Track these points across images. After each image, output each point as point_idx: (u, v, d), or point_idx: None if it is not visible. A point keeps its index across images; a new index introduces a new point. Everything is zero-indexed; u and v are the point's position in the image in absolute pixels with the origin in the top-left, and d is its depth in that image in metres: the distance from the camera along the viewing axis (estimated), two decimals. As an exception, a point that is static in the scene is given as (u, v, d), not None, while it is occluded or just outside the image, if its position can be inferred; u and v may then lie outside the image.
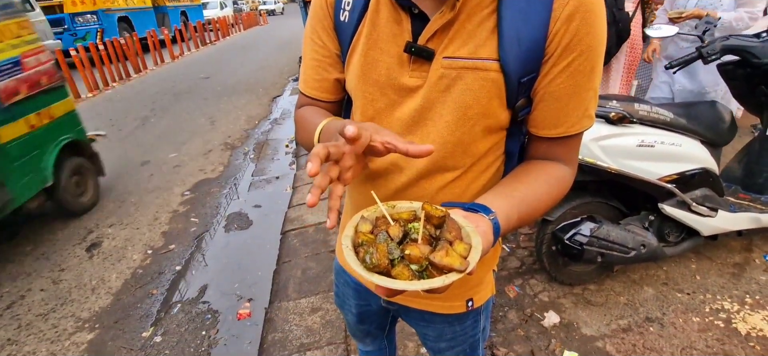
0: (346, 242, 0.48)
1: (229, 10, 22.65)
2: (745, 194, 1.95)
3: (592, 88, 0.58)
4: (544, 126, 0.61)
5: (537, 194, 0.60)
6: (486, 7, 0.55)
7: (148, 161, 4.00)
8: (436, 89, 0.58)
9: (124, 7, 11.19)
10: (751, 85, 1.82)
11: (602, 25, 0.55)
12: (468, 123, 0.58)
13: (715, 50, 1.74)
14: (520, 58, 0.54)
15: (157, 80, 7.98)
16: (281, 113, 5.48)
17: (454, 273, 0.43)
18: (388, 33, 0.60)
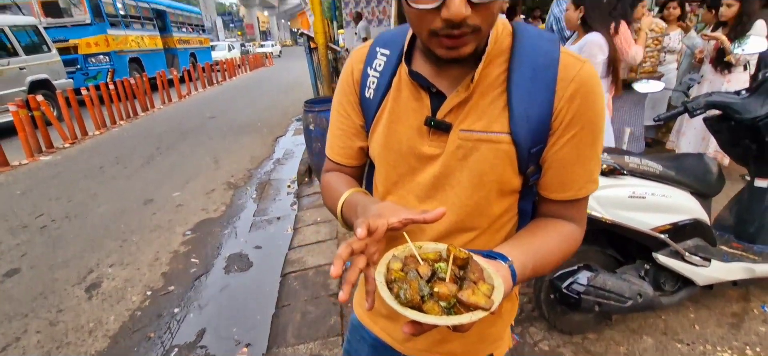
0: (380, 279, 0.52)
1: (236, 52, 23.48)
2: (738, 243, 1.98)
3: (595, 156, 0.66)
4: (554, 190, 0.68)
5: (550, 247, 0.65)
6: (497, 88, 0.63)
7: (151, 199, 4.06)
8: (453, 158, 0.65)
9: (136, 49, 11.63)
10: (736, 138, 1.89)
11: (601, 102, 0.63)
12: (484, 188, 0.65)
13: (700, 105, 1.83)
14: (529, 132, 0.62)
15: (164, 119, 8.18)
16: (284, 153, 5.59)
17: (481, 311, 0.47)
18: (409, 108, 0.68)
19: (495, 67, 0.63)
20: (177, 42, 14.42)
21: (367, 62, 0.74)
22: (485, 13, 0.54)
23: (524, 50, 0.63)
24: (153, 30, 12.98)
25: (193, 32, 16.46)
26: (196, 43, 16.44)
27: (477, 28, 0.55)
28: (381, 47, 0.73)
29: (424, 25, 0.56)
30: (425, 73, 0.66)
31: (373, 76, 0.72)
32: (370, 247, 0.56)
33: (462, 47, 0.56)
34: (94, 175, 4.84)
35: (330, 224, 3.23)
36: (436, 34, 0.56)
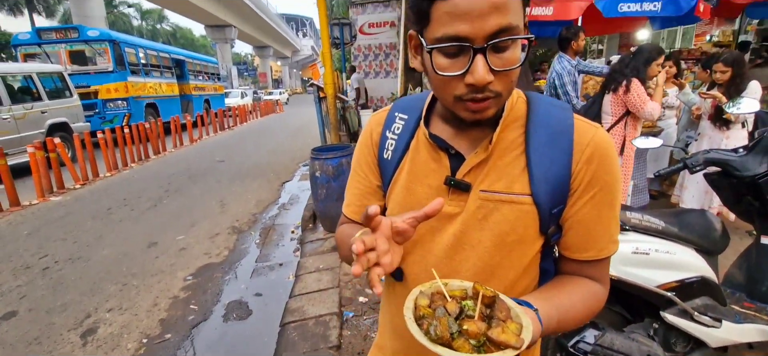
0: (408, 315, 0.52)
1: (248, 99, 24.29)
2: (751, 303, 1.91)
3: (614, 217, 0.68)
4: (576, 250, 0.69)
5: (574, 301, 0.66)
6: (515, 149, 0.66)
7: (155, 242, 4.07)
8: (474, 218, 0.67)
9: (153, 95, 12.11)
10: (737, 194, 1.88)
11: (617, 164, 0.66)
12: (506, 248, 0.66)
13: (699, 162, 1.84)
14: (549, 193, 0.64)
15: (175, 162, 8.36)
16: (289, 198, 5.63)
17: (511, 349, 0.47)
18: (428, 169, 0.71)
19: (512, 131, 0.67)
20: (193, 89, 15.02)
21: (386, 126, 0.77)
22: (505, 80, 0.59)
23: (539, 116, 0.67)
24: (171, 78, 13.57)
25: (209, 80, 17.17)
26: (211, 90, 17.10)
27: (498, 93, 0.59)
28: (399, 112, 0.77)
29: (450, 91, 0.60)
30: (444, 135, 0.70)
31: (391, 138, 0.76)
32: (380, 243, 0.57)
33: (485, 110, 0.60)
34: (102, 216, 4.90)
35: (332, 273, 3.20)
36: (460, 99, 0.60)
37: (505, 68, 0.57)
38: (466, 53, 0.56)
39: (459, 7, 0.53)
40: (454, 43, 0.56)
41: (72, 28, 10.48)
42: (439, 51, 0.58)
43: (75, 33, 10.25)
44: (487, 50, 0.55)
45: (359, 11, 9.04)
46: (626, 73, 2.91)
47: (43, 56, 10.13)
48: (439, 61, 0.58)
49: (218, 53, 35.34)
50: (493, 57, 0.56)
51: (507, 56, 0.57)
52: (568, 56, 3.62)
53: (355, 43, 8.98)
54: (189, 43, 46.25)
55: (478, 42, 0.55)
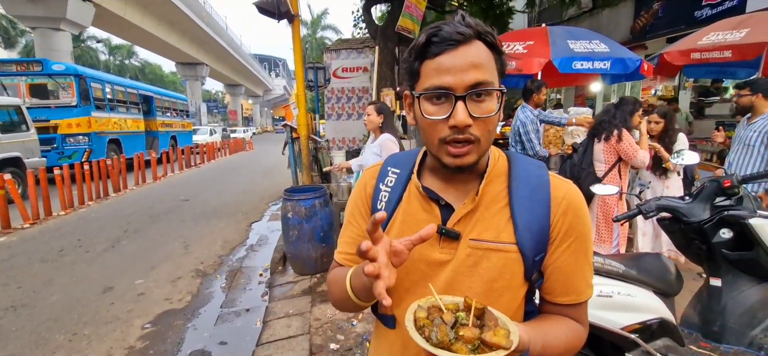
0: (409, 325, 0.58)
1: (218, 137, 23.89)
2: (706, 343, 2.02)
3: (588, 263, 0.76)
4: (557, 294, 0.76)
5: (558, 333, 0.73)
6: (500, 202, 0.74)
7: (111, 287, 3.82)
8: (464, 265, 0.73)
9: (117, 131, 11.71)
10: (687, 239, 2.03)
11: (588, 216, 0.76)
12: (494, 294, 0.72)
13: (652, 208, 1.99)
14: (532, 242, 0.72)
15: (136, 200, 8.00)
16: (258, 239, 5.48)
17: (502, 350, 0.55)
18: (420, 218, 0.76)
19: (496, 185, 0.75)
20: (160, 125, 14.66)
21: (379, 179, 0.83)
22: (483, 128, 0.68)
23: (520, 172, 0.76)
24: (137, 113, 13.22)
25: (177, 116, 16.84)
26: (178, 127, 16.74)
27: (477, 138, 0.68)
28: (392, 167, 0.84)
29: (436, 134, 0.69)
30: (434, 187, 0.77)
31: (384, 190, 0.81)
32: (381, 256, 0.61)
33: (465, 156, 0.68)
34: (52, 259, 4.57)
35: (302, 318, 3.10)
36: (444, 142, 0.68)
37: (482, 115, 0.66)
38: (449, 101, 0.66)
39: (443, 64, 0.65)
40: (440, 91, 0.66)
41: (35, 62, 10.12)
42: (427, 99, 0.68)
43: (38, 66, 9.90)
44: (467, 98, 0.65)
45: (333, 56, 9.31)
46: (616, 123, 3.05)
47: (-1, 88, 9.67)
48: (426, 107, 0.68)
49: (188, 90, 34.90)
50: (471, 105, 0.66)
51: (484, 106, 0.67)
52: (530, 106, 3.87)
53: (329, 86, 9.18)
54: (158, 79, 45.56)
55: (459, 91, 0.65)
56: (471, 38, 0.66)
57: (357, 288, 0.71)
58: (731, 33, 4.19)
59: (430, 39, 0.67)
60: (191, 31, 27.27)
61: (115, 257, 4.66)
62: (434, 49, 0.66)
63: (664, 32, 8.35)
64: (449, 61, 0.65)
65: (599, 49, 4.74)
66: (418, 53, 0.69)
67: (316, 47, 31.57)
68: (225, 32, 33.80)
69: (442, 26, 0.67)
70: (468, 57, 0.65)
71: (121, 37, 27.38)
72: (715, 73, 5.95)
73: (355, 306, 0.74)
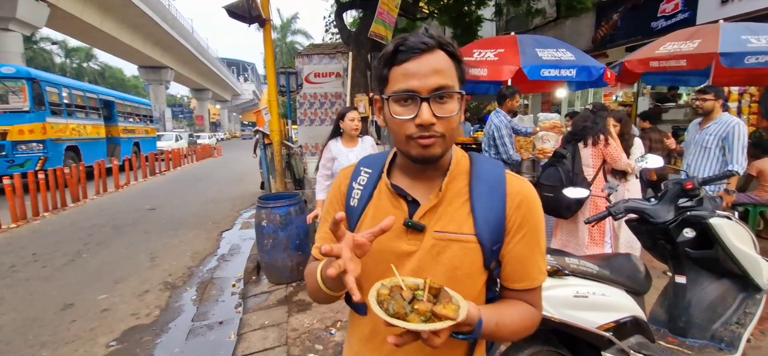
0: (372, 300, 0.66)
1: (184, 143, 23.09)
2: (673, 338, 2.13)
3: (541, 252, 0.84)
4: (513, 281, 0.84)
5: (511, 314, 0.81)
6: (462, 197, 0.82)
7: (71, 304, 3.59)
8: (429, 254, 0.80)
9: (75, 138, 11.10)
10: (653, 239, 2.14)
11: (540, 209, 0.84)
12: (456, 281, 0.78)
13: (620, 210, 2.08)
14: (490, 234, 0.80)
15: (97, 211, 7.58)
16: (230, 249, 5.32)
17: (449, 320, 0.62)
18: (389, 213, 0.80)
19: (458, 182, 0.83)
20: (121, 131, 14.00)
21: (353, 178, 0.91)
22: (446, 125, 0.75)
23: (480, 171, 0.84)
24: (97, 119, 12.57)
25: (140, 122, 16.15)
26: (141, 133, 16.05)
27: (442, 134, 0.75)
28: (364, 167, 0.92)
29: (404, 131, 0.76)
30: (402, 185, 0.85)
31: (357, 188, 0.89)
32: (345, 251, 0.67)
33: (431, 147, 0.75)
34: (3, 275, 4.25)
35: (279, 329, 3.02)
36: (411, 138, 0.75)
37: (444, 115, 0.74)
38: (415, 102, 0.74)
39: (410, 70, 0.74)
40: (407, 94, 0.74)
41: (-20, 64, 9.44)
42: (395, 101, 0.76)
43: (-16, 69, 9.24)
44: (431, 100, 0.73)
45: (305, 61, 9.20)
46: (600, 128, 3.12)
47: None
48: (395, 108, 0.76)
49: (151, 94, 33.55)
50: (435, 105, 0.74)
51: (446, 106, 0.75)
52: (503, 112, 3.97)
53: (301, 91, 9.08)
54: (119, 83, 43.48)
55: (423, 93, 0.73)
56: (434, 48, 0.75)
57: (326, 279, 0.75)
58: (685, 43, 4.46)
59: (397, 48, 0.75)
60: (155, 34, 26.27)
61: (76, 271, 4.39)
62: (401, 57, 0.75)
63: (623, 42, 8.80)
64: (415, 67, 0.74)
65: (565, 57, 4.93)
66: (387, 61, 0.77)
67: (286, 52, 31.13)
68: (191, 35, 32.77)
69: (409, 37, 0.75)
70: (431, 64, 0.74)
71: (79, 39, 26.02)
72: (671, 80, 6.32)
73: (327, 297, 0.79)
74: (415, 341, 0.64)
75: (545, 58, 4.86)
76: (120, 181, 10.50)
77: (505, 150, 3.87)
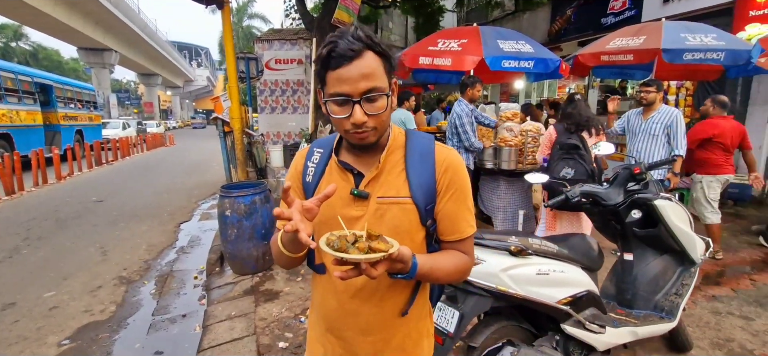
0: (322, 243, 0.78)
1: (132, 131, 21.70)
2: (622, 310, 2.32)
3: (468, 208, 0.99)
4: (446, 234, 0.99)
5: (445, 258, 0.96)
6: (398, 167, 0.96)
7: (13, 303, 3.32)
8: (374, 217, 0.93)
9: (7, 125, 10.13)
10: (605, 220, 2.32)
11: (465, 173, 0.98)
12: (399, 237, 0.86)
13: (576, 194, 2.23)
14: (422, 195, 0.94)
15: (36, 204, 6.99)
16: (189, 240, 5.12)
17: (382, 253, 0.76)
18: (338, 185, 0.93)
19: (395, 155, 0.97)
20: (61, 118, 12.89)
21: (307, 157, 1.04)
22: (377, 119, 0.87)
23: (413, 144, 0.98)
24: (33, 105, 11.49)
25: (83, 109, 14.94)
26: (84, 120, 14.86)
27: (374, 127, 0.88)
28: (317, 148, 1.05)
29: (342, 127, 0.89)
30: (348, 160, 0.97)
31: (311, 166, 1.02)
32: (295, 214, 0.78)
33: (366, 138, 0.89)
34: (-72, 276, 3.84)
35: (246, 319, 2.97)
36: (349, 132, 0.88)
37: (374, 113, 0.86)
38: (349, 103, 0.85)
39: (342, 76, 0.83)
40: (340, 97, 0.85)
41: None
42: (332, 102, 0.86)
43: None
44: (362, 101, 0.84)
45: (265, 47, 8.91)
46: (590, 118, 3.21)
47: None
48: (333, 108, 0.87)
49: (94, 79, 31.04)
50: (366, 105, 0.85)
51: (376, 105, 0.86)
52: (465, 101, 4.08)
53: (262, 78, 8.79)
54: (55, 66, 39.88)
55: (355, 96, 0.84)
56: (362, 51, 0.83)
57: (285, 242, 0.89)
58: (632, 39, 4.79)
59: (330, 54, 0.84)
60: (96, 12, 24.19)
61: (15, 269, 4.05)
62: (333, 63, 0.83)
63: (575, 36, 9.28)
64: (346, 73, 0.82)
65: (525, 49, 5.13)
66: (322, 63, 0.86)
67: (243, 37, 29.87)
68: (137, 16, 30.52)
69: (339, 41, 0.83)
70: (360, 69, 0.83)
71: (7, 16, 23.47)
72: (618, 74, 6.77)
73: (289, 259, 0.93)
74: (358, 275, 0.77)
75: (506, 49, 5.03)
76: (62, 171, 9.71)
77: (467, 138, 3.99)
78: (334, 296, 1.00)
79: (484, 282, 1.80)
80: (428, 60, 5.09)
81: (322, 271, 1.02)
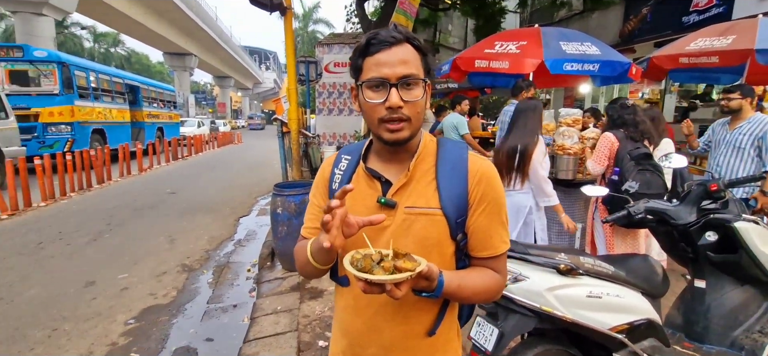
0: (346, 262, 0.77)
1: (206, 129, 23.55)
2: (689, 343, 2.06)
3: (502, 223, 0.93)
4: (477, 250, 0.93)
5: (473, 277, 0.92)
6: (428, 176, 0.92)
7: (93, 281, 3.73)
8: (400, 228, 0.89)
9: (101, 121, 11.44)
10: (673, 240, 2.06)
11: (500, 185, 0.93)
12: (426, 250, 0.86)
13: (640, 210, 2.01)
14: (454, 207, 0.89)
15: (120, 193, 7.83)
16: (246, 234, 5.42)
17: (408, 272, 0.73)
18: (365, 194, 0.93)
19: (425, 164, 0.93)
20: (146, 116, 14.37)
21: (335, 164, 1.02)
22: (412, 109, 0.85)
23: (445, 153, 0.94)
24: (123, 103, 12.94)
25: (165, 108, 16.53)
26: (165, 118, 16.44)
27: (408, 117, 0.85)
28: (345, 155, 1.02)
29: (375, 115, 0.86)
30: (377, 168, 0.95)
31: (338, 173, 0.99)
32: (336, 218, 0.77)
33: (400, 131, 0.86)
34: (30, 252, 4.44)
35: (290, 315, 3.07)
36: (382, 121, 0.85)
37: (411, 99, 0.84)
38: (385, 88, 0.84)
39: (380, 60, 0.84)
40: (378, 80, 0.84)
41: (15, 47, 9.81)
42: (368, 87, 0.86)
43: (19, 52, 9.59)
44: (399, 86, 0.83)
45: (325, 50, 9.21)
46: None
47: (-24, 74, 9.35)
48: (368, 93, 0.86)
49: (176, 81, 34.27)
50: (402, 91, 0.84)
51: (412, 92, 0.85)
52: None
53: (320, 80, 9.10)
54: (145, 69, 44.59)
55: (392, 80, 0.83)
56: (401, 41, 0.85)
57: (314, 252, 0.87)
58: (718, 39, 4.26)
59: (369, 41, 0.85)
60: (180, 20, 26.75)
61: (97, 251, 4.55)
62: (373, 49, 0.84)
63: (652, 37, 8.48)
64: (385, 57, 0.83)
65: (590, 51, 4.77)
66: (361, 52, 0.87)
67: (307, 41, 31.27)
68: (214, 23, 33.24)
69: (380, 32, 0.85)
70: (399, 55, 0.84)
71: (107, 24, 26.73)
72: (700, 78, 6.07)
73: (315, 270, 0.90)
74: (380, 292, 0.74)
75: (569, 51, 4.71)
76: (143, 165, 10.81)
77: None
78: (356, 311, 0.96)
79: (528, 301, 1.68)
80: (484, 63, 4.92)
81: (346, 284, 0.99)
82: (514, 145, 2.80)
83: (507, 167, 2.84)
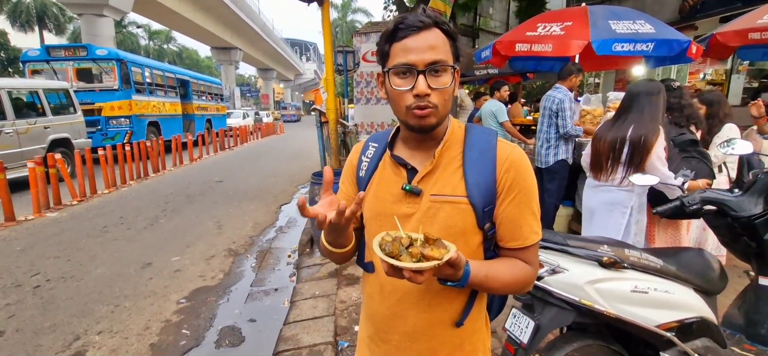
0: (375, 244, 0.76)
1: (250, 120, 24.47)
2: (750, 345, 1.89)
3: (532, 212, 0.89)
4: (506, 240, 0.90)
5: (503, 268, 0.89)
6: (455, 163, 0.89)
7: (150, 263, 4.03)
8: (426, 216, 0.88)
9: (156, 114, 12.21)
10: (734, 234, 1.89)
11: (531, 172, 0.89)
12: (452, 239, 0.82)
13: (695, 201, 1.85)
14: (480, 196, 0.86)
15: (173, 181, 8.36)
16: (287, 221, 5.61)
17: (435, 260, 0.71)
18: (391, 181, 0.93)
19: (452, 150, 0.90)
20: (195, 109, 15.18)
21: (362, 152, 1.03)
22: (440, 97, 0.83)
23: (473, 140, 0.91)
24: (175, 97, 13.74)
25: (212, 100, 17.38)
26: (213, 110, 17.27)
27: (436, 105, 0.83)
28: (372, 142, 1.02)
29: (403, 102, 0.84)
30: (403, 155, 0.93)
31: (365, 160, 1.00)
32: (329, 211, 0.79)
33: (427, 117, 0.83)
34: (97, 235, 4.87)
35: (328, 300, 3.16)
36: (409, 108, 0.83)
37: (438, 87, 0.82)
38: (412, 75, 0.82)
39: (408, 46, 0.81)
40: (405, 66, 0.82)
41: (81, 47, 10.67)
42: (395, 73, 0.84)
43: (83, 51, 10.44)
44: (426, 73, 0.81)
45: (363, 40, 9.20)
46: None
47: (49, 72, 10.28)
48: (395, 80, 0.84)
49: (222, 74, 35.85)
50: (430, 78, 0.81)
51: (440, 79, 0.82)
52: (565, 88, 3.70)
53: (358, 70, 9.15)
54: (194, 64, 46.99)
55: (420, 67, 0.81)
56: (430, 26, 0.82)
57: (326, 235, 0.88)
58: (797, 10, 3.81)
59: (397, 26, 0.83)
60: (225, 15, 27.85)
61: (154, 235, 4.91)
62: (400, 34, 0.82)
63: (717, 11, 7.70)
64: (412, 43, 0.81)
65: (643, 30, 4.42)
66: (388, 37, 0.84)
67: (346, 31, 31.50)
68: (257, 16, 34.29)
69: (408, 16, 0.82)
70: (427, 40, 0.81)
71: (160, 22, 28.37)
72: (774, 55, 5.45)
73: (333, 254, 0.92)
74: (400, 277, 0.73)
75: (619, 31, 4.40)
76: (194, 155, 11.47)
77: (563, 124, 3.61)
78: (381, 297, 0.96)
79: (566, 294, 1.61)
80: (526, 47, 4.71)
81: (371, 270, 0.99)
82: (623, 135, 2.40)
83: (608, 157, 2.47)
